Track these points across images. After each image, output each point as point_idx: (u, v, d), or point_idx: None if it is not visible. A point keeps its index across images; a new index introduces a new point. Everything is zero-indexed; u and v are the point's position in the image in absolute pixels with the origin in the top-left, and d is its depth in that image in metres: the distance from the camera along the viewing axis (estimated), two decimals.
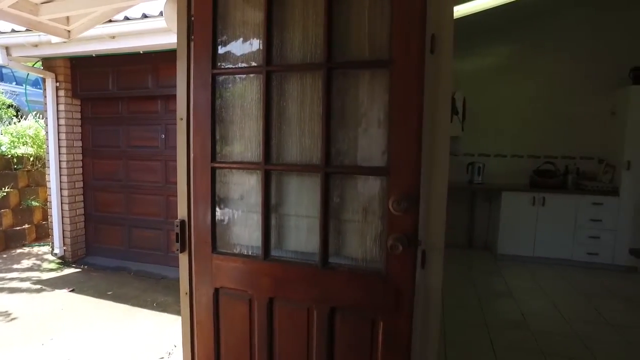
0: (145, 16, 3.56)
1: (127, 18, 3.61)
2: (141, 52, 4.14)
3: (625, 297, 3.88)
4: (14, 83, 8.64)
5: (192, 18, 1.59)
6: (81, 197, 4.93)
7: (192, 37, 1.61)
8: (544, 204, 4.84)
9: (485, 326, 3.26)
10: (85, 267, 4.73)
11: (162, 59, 4.17)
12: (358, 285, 1.43)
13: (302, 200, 1.55)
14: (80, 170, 4.90)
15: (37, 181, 5.83)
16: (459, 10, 4.10)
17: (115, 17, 3.42)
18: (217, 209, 1.67)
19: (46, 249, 5.25)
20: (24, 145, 5.91)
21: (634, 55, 4.80)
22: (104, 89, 4.56)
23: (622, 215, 4.59)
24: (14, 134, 5.90)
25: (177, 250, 1.74)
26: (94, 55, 4.31)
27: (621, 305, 3.72)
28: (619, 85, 4.82)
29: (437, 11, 1.46)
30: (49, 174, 4.74)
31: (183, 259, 1.75)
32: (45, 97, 4.65)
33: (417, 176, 1.30)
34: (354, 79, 1.43)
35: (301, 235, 1.56)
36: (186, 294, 1.76)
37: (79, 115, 4.81)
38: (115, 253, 4.86)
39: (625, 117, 4.56)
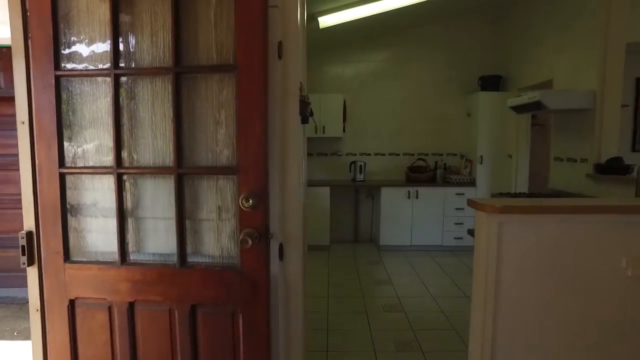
0: None
1: None
2: None
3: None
4: None
5: (28, 13, 1.49)
6: None
7: (30, 34, 1.51)
8: (418, 197, 5.38)
9: (365, 312, 3.54)
10: None
11: None
12: (216, 281, 1.48)
13: (158, 202, 1.55)
14: None
15: None
16: (331, 20, 4.37)
17: None
18: (70, 216, 1.59)
19: None
20: None
21: (481, 65, 5.62)
22: None
23: None
24: None
25: (24, 264, 1.62)
26: None
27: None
28: (471, 91, 5.59)
29: (283, 20, 1.58)
30: None
31: (32, 272, 1.62)
32: None
33: (263, 174, 1.40)
34: (204, 83, 1.48)
35: (160, 237, 1.56)
36: (37, 310, 1.63)
37: None
38: None
39: (477, 118, 5.30)
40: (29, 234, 1.60)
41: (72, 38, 1.54)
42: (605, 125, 3.42)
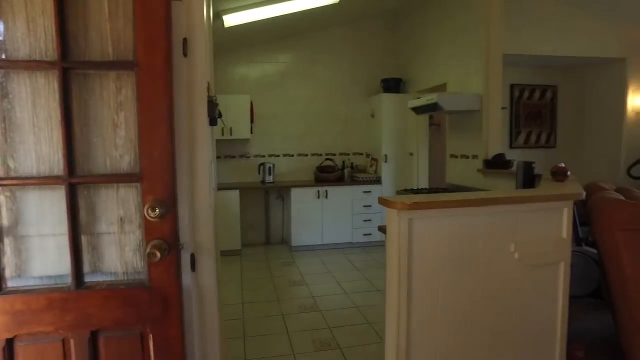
0: None
1: None
2: None
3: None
4: None
5: None
6: None
7: None
8: (327, 197, 5.49)
9: (282, 315, 3.50)
10: None
11: None
12: (121, 300, 1.33)
13: (46, 217, 1.34)
14: None
15: None
16: (236, 19, 4.26)
17: None
18: None
19: None
20: None
21: (383, 68, 5.93)
22: None
23: None
24: None
25: None
26: None
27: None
28: (374, 93, 5.87)
29: (188, 16, 1.48)
30: None
31: None
32: None
33: (171, 180, 1.29)
34: (98, 81, 1.31)
35: (49, 256, 1.35)
36: None
37: None
38: None
39: (380, 119, 5.58)
40: None
41: None
42: (490, 125, 3.83)
